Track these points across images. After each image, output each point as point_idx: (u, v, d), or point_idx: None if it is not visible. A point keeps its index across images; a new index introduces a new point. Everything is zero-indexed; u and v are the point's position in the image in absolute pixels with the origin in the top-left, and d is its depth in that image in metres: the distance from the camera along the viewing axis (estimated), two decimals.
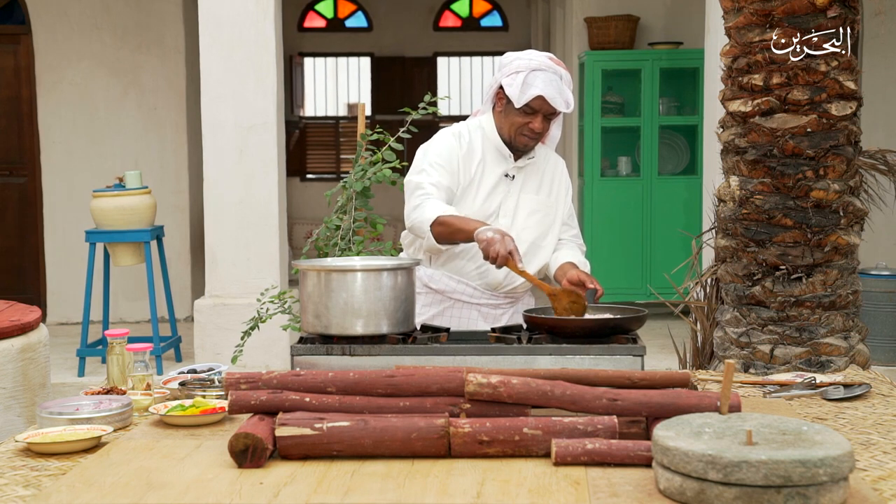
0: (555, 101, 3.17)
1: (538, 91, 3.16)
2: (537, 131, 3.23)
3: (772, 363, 3.69)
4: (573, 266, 3.26)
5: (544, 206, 3.36)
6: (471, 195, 3.29)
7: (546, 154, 3.42)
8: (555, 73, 3.20)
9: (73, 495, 1.97)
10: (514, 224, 3.30)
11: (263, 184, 6.48)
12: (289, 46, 10.36)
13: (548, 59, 3.24)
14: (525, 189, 3.34)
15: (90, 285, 6.73)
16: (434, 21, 12.32)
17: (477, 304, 3.32)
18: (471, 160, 3.30)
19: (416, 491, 1.96)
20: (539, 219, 3.34)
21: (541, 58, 3.23)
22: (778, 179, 3.66)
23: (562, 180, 3.43)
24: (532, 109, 3.20)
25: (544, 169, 3.39)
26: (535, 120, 3.21)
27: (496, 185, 3.31)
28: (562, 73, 3.23)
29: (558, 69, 3.23)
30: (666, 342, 5.53)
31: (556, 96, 3.16)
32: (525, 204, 3.33)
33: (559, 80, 3.20)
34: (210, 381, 2.70)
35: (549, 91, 3.16)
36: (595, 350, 2.79)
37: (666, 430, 1.93)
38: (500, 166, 3.32)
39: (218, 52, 6.45)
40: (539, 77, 3.18)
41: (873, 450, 2.21)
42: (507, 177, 3.31)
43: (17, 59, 8.46)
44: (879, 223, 4.65)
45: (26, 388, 4.14)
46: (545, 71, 3.19)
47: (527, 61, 3.20)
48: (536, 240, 3.32)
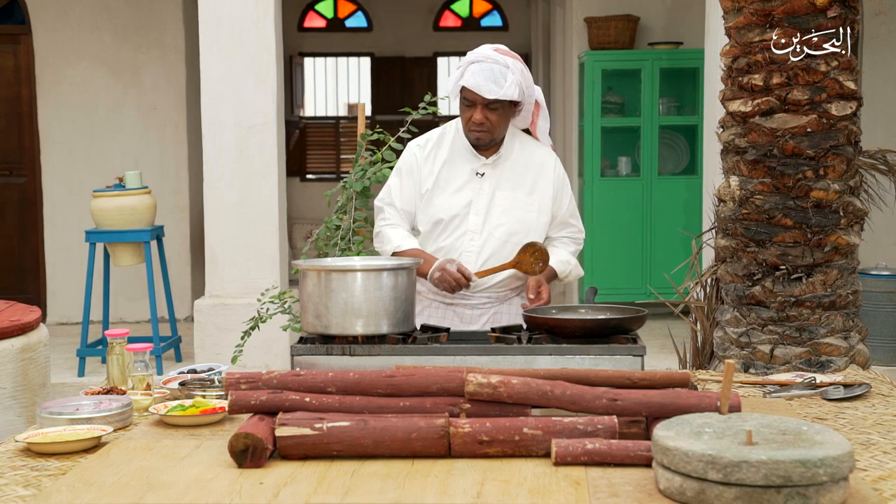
0: (479, 89, 3.16)
1: (462, 81, 3.19)
2: (478, 122, 3.22)
3: (772, 363, 3.69)
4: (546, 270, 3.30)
5: (523, 204, 3.32)
6: (438, 195, 3.31)
7: (530, 150, 3.37)
8: (494, 62, 3.19)
9: (73, 495, 1.97)
10: (486, 222, 3.29)
11: (263, 184, 6.48)
12: (289, 46, 10.36)
13: (491, 50, 3.24)
14: (499, 186, 3.31)
15: (90, 285, 6.73)
16: (434, 21, 12.32)
17: (452, 304, 3.31)
18: (435, 162, 3.33)
19: (416, 491, 1.96)
20: (517, 216, 3.30)
21: (483, 50, 3.24)
22: (778, 179, 3.66)
23: (551, 179, 3.36)
24: (469, 101, 3.22)
25: (525, 165, 3.35)
26: (475, 111, 3.22)
27: (466, 182, 3.31)
28: (507, 63, 3.20)
29: (502, 58, 3.20)
30: (666, 342, 5.53)
31: (483, 83, 3.15)
32: (499, 201, 3.30)
33: (503, 68, 3.18)
34: (210, 381, 2.70)
35: (475, 80, 3.16)
36: (595, 350, 2.79)
37: (666, 430, 1.93)
38: (471, 164, 3.32)
39: (218, 52, 6.45)
40: (473, 68, 3.20)
41: (873, 450, 2.21)
42: (478, 174, 3.31)
43: (17, 59, 8.46)
44: (879, 223, 4.65)
45: (26, 388, 4.14)
46: (482, 62, 3.20)
47: (469, 56, 3.24)
48: (514, 237, 3.29)
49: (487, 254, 3.28)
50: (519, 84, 3.20)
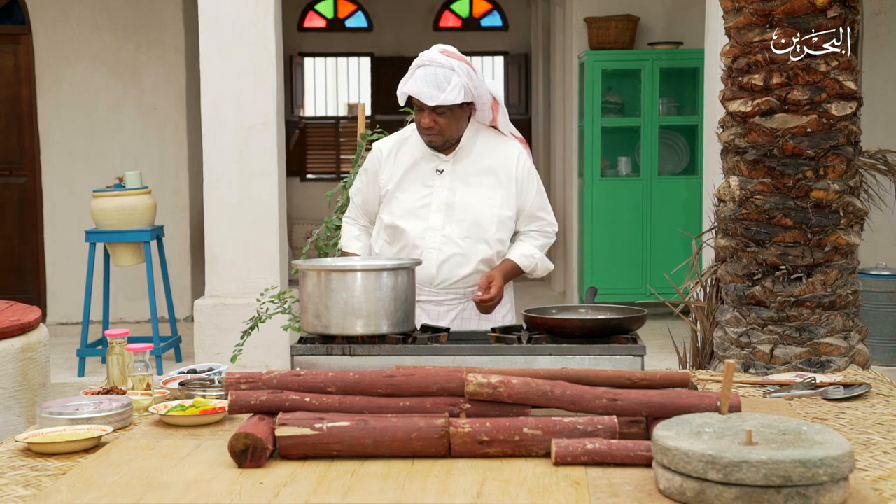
0: (421, 96, 3.18)
1: (405, 89, 3.22)
2: (427, 126, 3.23)
3: (772, 363, 3.69)
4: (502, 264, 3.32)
5: (485, 199, 3.31)
6: (400, 194, 3.33)
7: (493, 145, 3.36)
8: (440, 66, 3.19)
9: (73, 495, 1.97)
10: (446, 218, 3.29)
11: (263, 184, 6.48)
12: (289, 46, 10.36)
13: (438, 53, 3.24)
14: (460, 182, 3.32)
15: (90, 285, 6.73)
16: (434, 21, 12.32)
17: (419, 301, 3.28)
18: (397, 162, 3.36)
19: (416, 491, 1.96)
20: (477, 212, 3.30)
21: (430, 53, 3.24)
22: (778, 179, 3.66)
23: (513, 172, 3.34)
24: (418, 106, 3.24)
25: (487, 160, 3.34)
26: (423, 115, 3.23)
27: (427, 180, 3.32)
28: (453, 65, 3.19)
29: (448, 61, 3.20)
30: (666, 342, 5.53)
31: (425, 90, 3.17)
32: (460, 197, 3.31)
33: (448, 71, 3.18)
34: (210, 381, 2.70)
35: (417, 86, 3.18)
36: (595, 350, 2.79)
37: (666, 430, 1.93)
38: (432, 162, 3.34)
39: (218, 52, 6.45)
40: (418, 73, 3.21)
41: (873, 450, 2.21)
42: (438, 172, 3.32)
43: (17, 59, 8.46)
44: (879, 223, 4.65)
45: (26, 388, 4.13)
46: (426, 66, 3.21)
47: (418, 59, 3.26)
48: (475, 232, 3.29)
49: (448, 250, 3.28)
50: (464, 86, 3.19)
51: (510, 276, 3.34)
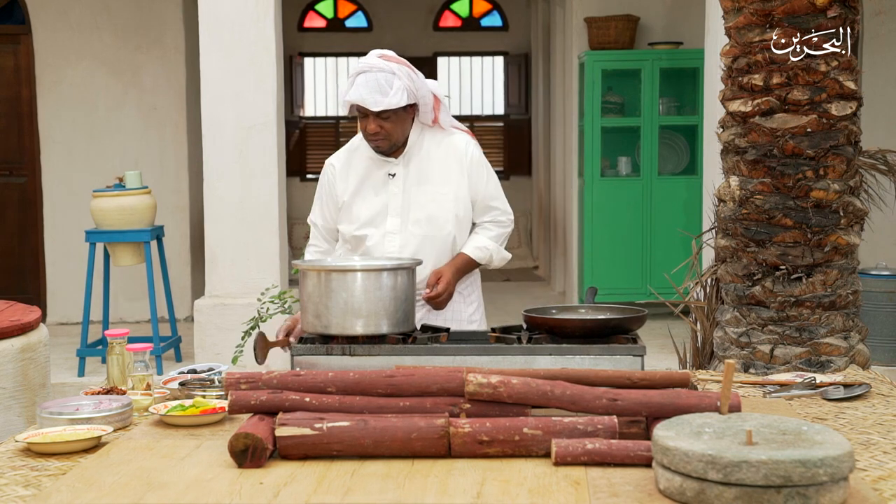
0: (365, 102, 3.17)
1: (347, 96, 3.20)
2: (372, 132, 3.22)
3: (772, 363, 3.69)
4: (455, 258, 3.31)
5: (438, 196, 3.31)
6: (357, 204, 3.33)
7: (439, 141, 3.36)
8: (380, 70, 3.19)
9: (73, 495, 1.97)
10: (404, 221, 3.29)
11: (263, 184, 6.48)
12: (289, 46, 10.35)
13: (377, 58, 3.23)
14: (413, 182, 3.32)
15: (90, 285, 6.73)
16: (434, 21, 12.32)
17: None
18: (349, 174, 3.36)
19: (416, 491, 1.96)
20: (433, 210, 3.30)
21: (369, 59, 3.23)
22: (778, 179, 3.66)
23: (463, 164, 3.34)
24: (362, 113, 3.23)
25: (436, 157, 3.34)
26: (368, 122, 3.22)
27: (381, 187, 3.32)
28: (393, 69, 3.20)
29: (387, 66, 3.20)
30: (666, 342, 5.53)
31: (368, 96, 3.16)
32: (415, 198, 3.31)
33: (388, 76, 3.18)
34: (210, 381, 2.70)
35: (360, 93, 3.17)
36: (595, 350, 2.79)
37: (666, 430, 1.93)
38: (383, 168, 3.33)
39: (218, 52, 6.44)
40: (359, 80, 3.20)
41: (873, 450, 2.21)
42: (390, 175, 3.32)
43: (17, 59, 8.46)
44: (879, 223, 4.65)
45: (26, 388, 4.14)
46: (366, 72, 3.20)
47: (357, 66, 3.24)
48: (433, 231, 3.29)
49: (409, 252, 3.28)
50: (407, 88, 3.20)
51: (464, 270, 3.34)
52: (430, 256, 3.28)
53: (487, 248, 3.35)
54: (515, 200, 12.43)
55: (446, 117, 3.39)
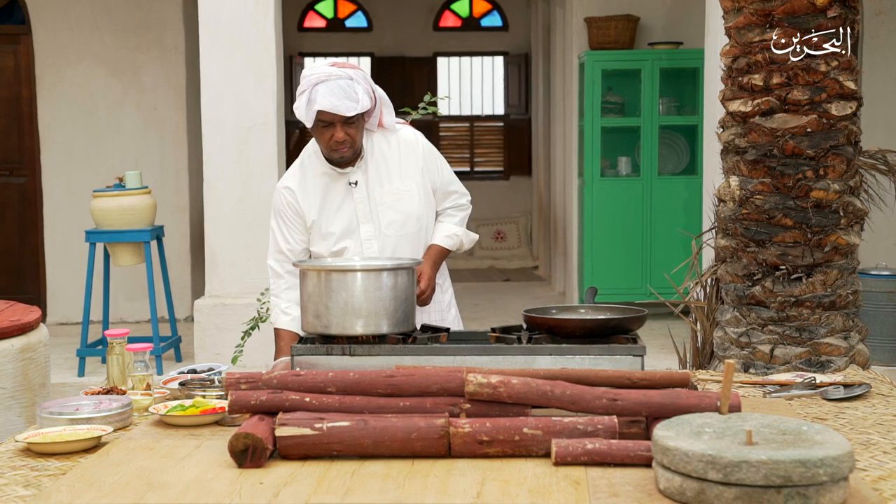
0: (338, 109, 3.12)
1: (317, 106, 3.12)
2: (341, 140, 3.18)
3: (772, 363, 3.69)
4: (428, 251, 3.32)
5: (402, 192, 3.31)
6: (325, 221, 3.29)
7: (387, 139, 3.35)
8: (339, 77, 3.14)
9: (73, 495, 1.97)
10: (377, 224, 3.29)
11: (263, 184, 6.48)
12: (289, 46, 10.35)
13: (330, 66, 3.18)
14: (375, 186, 3.31)
15: (90, 285, 6.72)
16: (434, 21, 12.32)
17: None
18: (308, 193, 3.30)
19: (416, 491, 1.96)
20: (401, 207, 3.30)
21: (322, 69, 3.18)
22: (778, 179, 3.66)
23: (416, 154, 3.35)
24: (326, 122, 3.17)
25: (389, 156, 3.34)
26: (335, 131, 3.17)
27: (344, 198, 3.30)
28: (350, 75, 3.16)
29: (344, 72, 3.16)
30: (666, 342, 5.53)
31: (339, 102, 3.11)
32: (381, 200, 3.30)
33: (348, 81, 3.14)
34: (210, 381, 2.70)
35: (329, 101, 3.11)
36: (595, 350, 2.78)
37: (666, 430, 1.93)
38: (342, 179, 3.30)
39: (218, 53, 6.45)
40: (320, 90, 3.13)
41: (873, 450, 2.21)
42: (351, 184, 3.30)
43: (17, 59, 8.46)
44: (879, 223, 4.65)
45: (26, 388, 4.14)
46: (326, 81, 3.13)
47: (309, 78, 3.17)
48: (407, 228, 3.30)
49: (389, 254, 3.28)
50: (367, 92, 3.19)
51: (439, 262, 3.37)
52: (409, 253, 3.30)
53: (456, 234, 3.39)
54: (515, 200, 12.54)
55: (390, 118, 3.38)
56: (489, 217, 11.55)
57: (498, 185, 12.17)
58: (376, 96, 3.27)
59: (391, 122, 3.39)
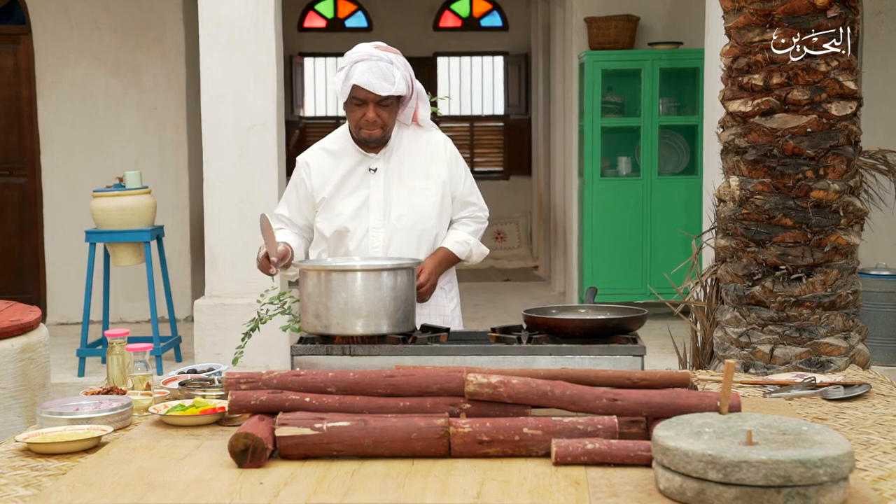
0: (373, 87, 3.16)
1: (353, 80, 3.18)
2: (371, 120, 3.22)
3: (772, 363, 3.69)
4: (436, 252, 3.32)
5: (420, 191, 3.33)
6: (337, 200, 3.32)
7: (417, 136, 3.38)
8: (379, 59, 3.20)
9: (73, 495, 1.97)
10: (386, 215, 3.30)
11: (263, 184, 6.48)
12: (289, 46, 10.36)
13: (372, 48, 3.24)
14: (394, 178, 3.33)
15: (90, 285, 6.72)
16: (434, 21, 12.32)
17: None
18: (327, 170, 3.34)
19: (416, 491, 1.96)
20: (416, 204, 3.32)
21: (364, 48, 3.24)
22: (778, 179, 3.66)
23: (443, 159, 3.37)
24: (360, 101, 3.21)
25: (415, 152, 3.36)
26: (367, 110, 3.21)
27: (361, 182, 3.32)
28: (391, 59, 3.22)
29: (385, 55, 3.21)
30: (666, 342, 5.53)
31: (375, 81, 3.16)
32: (397, 192, 3.32)
33: (388, 65, 3.19)
34: (210, 381, 2.70)
35: (366, 77, 3.16)
36: (595, 350, 2.79)
37: (666, 430, 1.93)
38: (363, 163, 3.33)
39: (218, 53, 6.45)
40: (358, 67, 3.19)
41: (873, 450, 2.21)
42: (371, 171, 3.32)
43: (17, 59, 8.46)
44: (879, 223, 4.65)
45: (26, 388, 4.13)
46: (366, 60, 3.19)
47: (350, 56, 3.23)
48: (417, 224, 3.31)
49: (395, 247, 3.29)
50: (405, 78, 3.23)
51: (445, 264, 3.36)
52: (413, 250, 3.30)
53: (468, 242, 3.38)
54: (515, 200, 12.53)
55: (426, 114, 3.40)
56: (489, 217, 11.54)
57: (498, 185, 12.18)
58: (414, 87, 3.29)
59: (426, 120, 3.41)
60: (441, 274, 3.35)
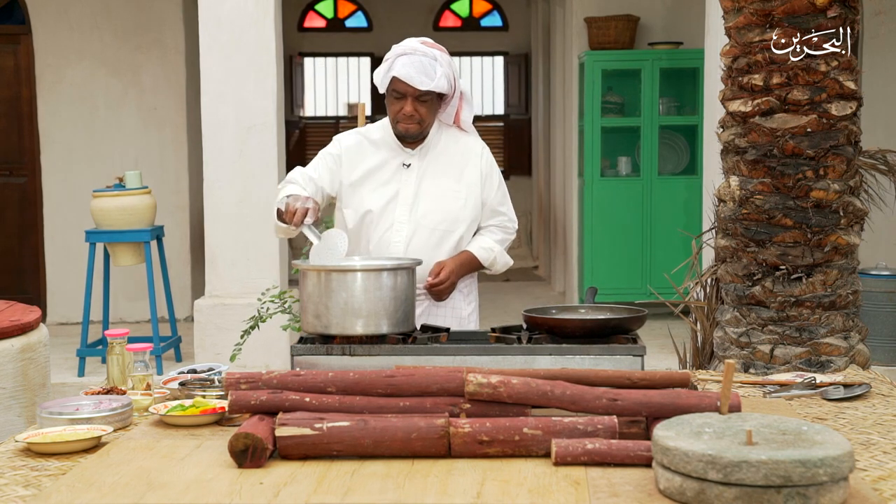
0: (412, 80, 3.16)
1: (393, 72, 3.18)
2: (408, 114, 3.22)
3: (772, 363, 3.69)
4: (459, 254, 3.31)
5: (451, 193, 3.32)
6: (366, 188, 3.31)
7: (456, 139, 3.39)
8: (423, 55, 3.20)
9: (73, 495, 1.97)
10: (413, 212, 3.29)
11: (263, 184, 6.48)
12: (289, 46, 10.35)
13: (418, 42, 3.24)
14: (427, 175, 3.32)
15: (90, 285, 6.73)
16: (434, 21, 12.32)
17: None
18: (361, 155, 3.33)
19: (416, 491, 1.96)
20: (444, 205, 3.31)
21: (410, 43, 3.24)
22: (778, 179, 3.66)
23: (478, 165, 3.38)
24: (399, 94, 3.22)
25: (452, 154, 3.36)
26: (405, 104, 3.22)
27: (393, 174, 3.32)
28: (435, 55, 3.21)
29: (430, 51, 3.21)
30: (666, 342, 5.53)
31: (415, 75, 3.16)
32: (427, 190, 3.31)
33: (431, 60, 3.19)
34: (210, 381, 2.70)
35: (406, 71, 3.16)
36: (595, 350, 2.79)
37: (666, 430, 1.93)
38: (398, 156, 3.33)
39: (218, 53, 6.45)
40: (401, 61, 3.19)
41: (873, 450, 2.21)
42: (404, 165, 3.32)
43: (17, 59, 8.46)
44: (879, 223, 4.65)
45: (26, 388, 4.14)
46: (410, 54, 3.20)
47: (395, 49, 3.24)
48: (442, 225, 3.30)
49: (416, 244, 3.28)
50: (448, 76, 3.22)
51: (467, 267, 3.34)
52: (436, 250, 3.28)
53: (492, 249, 3.36)
54: (515, 200, 12.36)
55: (468, 116, 3.40)
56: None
57: None
58: (457, 87, 3.29)
59: (468, 123, 3.41)
60: (462, 276, 3.33)
